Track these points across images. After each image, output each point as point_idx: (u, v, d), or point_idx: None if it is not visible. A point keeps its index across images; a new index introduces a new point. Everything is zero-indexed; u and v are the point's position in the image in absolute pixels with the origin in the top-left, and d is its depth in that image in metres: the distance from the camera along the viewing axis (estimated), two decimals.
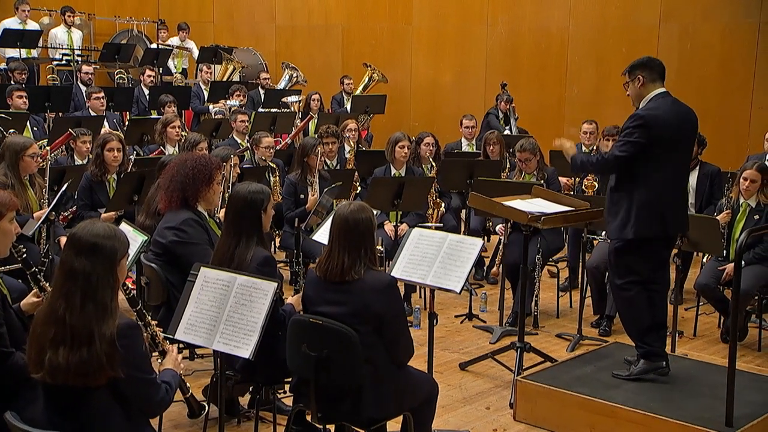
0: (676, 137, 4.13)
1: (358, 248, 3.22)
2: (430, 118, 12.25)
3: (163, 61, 10.97)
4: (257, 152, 6.55)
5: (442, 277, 3.88)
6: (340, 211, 3.28)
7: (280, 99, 10.17)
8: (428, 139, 7.15)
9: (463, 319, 6.04)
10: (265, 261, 3.44)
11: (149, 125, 7.41)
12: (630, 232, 4.09)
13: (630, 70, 4.21)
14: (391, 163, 6.49)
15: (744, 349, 5.50)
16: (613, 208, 4.18)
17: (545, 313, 6.24)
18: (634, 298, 4.20)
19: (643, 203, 4.07)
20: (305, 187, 6.07)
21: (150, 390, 2.49)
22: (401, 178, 6.06)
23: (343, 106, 11.34)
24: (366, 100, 10.87)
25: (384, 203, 5.81)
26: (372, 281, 3.20)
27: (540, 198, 4.88)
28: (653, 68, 4.16)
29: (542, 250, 5.85)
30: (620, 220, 4.13)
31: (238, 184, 3.71)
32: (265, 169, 6.31)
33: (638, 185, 4.07)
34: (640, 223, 4.07)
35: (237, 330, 3.04)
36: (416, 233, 4.09)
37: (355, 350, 3.13)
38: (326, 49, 12.94)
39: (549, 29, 11.52)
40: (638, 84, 4.15)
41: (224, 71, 10.87)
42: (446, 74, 12.34)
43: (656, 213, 4.09)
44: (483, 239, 7.66)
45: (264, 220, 3.56)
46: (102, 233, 2.42)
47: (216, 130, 8.25)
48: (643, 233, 4.09)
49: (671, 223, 4.19)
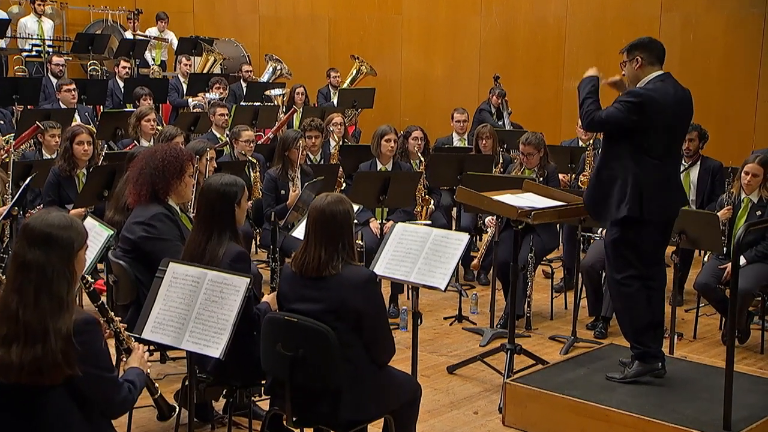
0: (674, 120, 4.14)
1: (336, 242, 3.21)
2: (421, 112, 12.25)
3: (139, 53, 10.95)
4: (236, 146, 6.53)
5: (426, 274, 3.86)
6: (317, 203, 3.26)
7: (263, 92, 10.17)
8: (416, 133, 7.14)
9: (452, 321, 6.04)
10: (239, 256, 3.42)
11: (123, 119, 7.39)
12: (624, 210, 4.07)
13: (629, 50, 4.19)
14: (377, 157, 6.49)
15: (746, 351, 5.51)
16: (602, 189, 4.16)
17: (539, 314, 6.24)
18: (633, 295, 4.20)
19: (639, 185, 4.06)
20: (286, 183, 6.05)
21: (111, 389, 2.46)
22: (387, 173, 6.05)
23: (329, 100, 11.34)
24: (353, 94, 10.86)
25: (369, 199, 5.80)
26: (350, 276, 3.19)
27: (531, 193, 4.88)
28: (653, 50, 4.16)
29: (535, 248, 5.85)
30: (615, 200, 4.10)
31: (211, 176, 3.69)
32: (244, 164, 6.29)
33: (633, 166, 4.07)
34: (637, 203, 4.06)
35: (207, 328, 3.03)
36: (400, 228, 4.08)
37: (332, 349, 3.11)
38: (312, 40, 12.93)
39: (545, 20, 11.54)
40: (636, 65, 4.14)
41: (204, 63, 10.86)
42: (438, 67, 12.34)
43: (653, 196, 4.08)
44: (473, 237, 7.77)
45: (238, 213, 3.54)
46: (57, 223, 2.39)
47: (194, 124, 8.23)
48: (640, 212, 4.07)
49: (669, 206, 4.20)
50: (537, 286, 6.68)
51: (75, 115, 7.97)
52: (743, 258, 5.41)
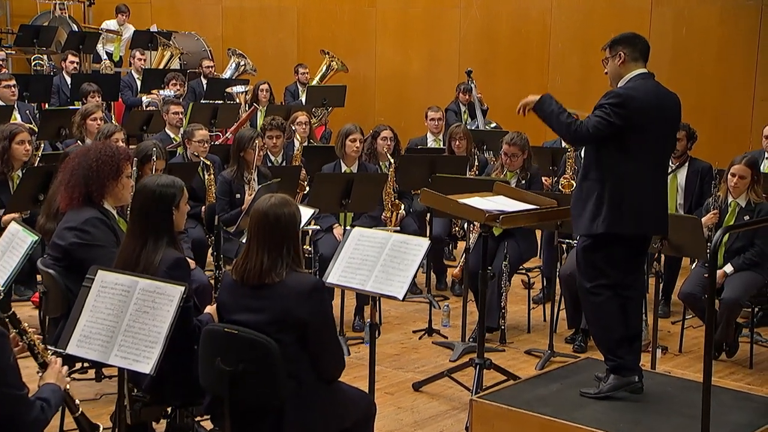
0: (656, 124, 4.13)
1: (280, 247, 3.20)
2: (397, 111, 12.27)
3: (90, 46, 10.89)
4: (189, 147, 6.49)
5: (384, 283, 3.85)
6: (260, 205, 3.25)
7: (224, 89, 10.13)
8: (386, 132, 7.14)
9: (421, 335, 6.04)
10: (176, 263, 3.40)
11: (68, 117, 7.33)
12: (600, 226, 4.07)
13: (611, 45, 4.19)
14: (341, 158, 6.47)
15: (734, 366, 5.54)
16: (581, 201, 4.17)
17: (515, 327, 6.25)
18: (603, 305, 4.19)
19: (616, 195, 4.05)
20: (242, 186, 6.03)
21: (20, 408, 2.43)
22: (350, 175, 6.05)
23: (297, 98, 11.33)
24: (323, 92, 10.87)
25: (330, 203, 5.79)
26: (295, 284, 3.18)
27: (502, 195, 4.89)
28: (637, 46, 4.17)
29: (510, 256, 5.85)
30: (589, 213, 4.11)
31: (146, 177, 3.67)
32: (197, 166, 6.25)
33: (611, 175, 4.06)
34: (612, 217, 4.06)
35: (137, 342, 3.00)
36: (356, 233, 4.07)
37: (275, 363, 3.10)
38: (279, 33, 12.93)
39: (529, 12, 11.60)
40: (618, 61, 4.14)
41: (160, 58, 10.84)
42: (415, 62, 12.37)
43: (631, 208, 4.08)
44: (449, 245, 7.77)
45: (176, 217, 3.52)
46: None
47: (147, 124, 8.19)
48: (615, 228, 4.08)
49: (647, 220, 4.19)
50: (515, 297, 6.71)
51: (15, 113, 7.91)
52: (730, 266, 5.45)
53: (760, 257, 5.40)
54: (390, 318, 6.47)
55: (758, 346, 5.74)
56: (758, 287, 5.46)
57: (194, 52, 11.99)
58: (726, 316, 5.36)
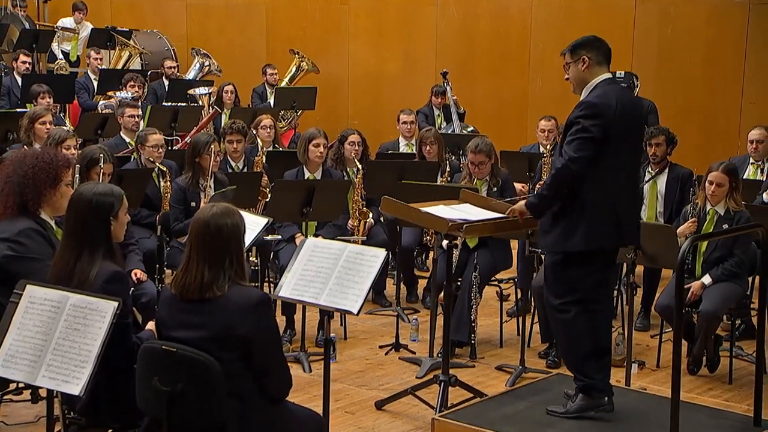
0: (628, 132, 4.16)
1: (221, 259, 3.18)
2: (372, 114, 12.28)
3: (44, 45, 10.82)
4: (143, 152, 6.45)
5: (338, 296, 3.84)
6: (200, 214, 3.24)
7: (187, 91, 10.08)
8: (353, 137, 7.14)
9: (388, 350, 6.04)
10: (113, 277, 3.37)
11: (15, 120, 7.27)
12: (579, 243, 4.08)
13: (573, 50, 4.21)
14: (304, 164, 6.46)
15: (713, 382, 5.57)
16: (551, 215, 4.19)
17: (487, 341, 6.26)
18: (571, 321, 4.20)
19: (596, 209, 4.07)
20: (197, 193, 6.00)
21: None
22: (311, 182, 6.03)
23: (266, 100, 11.31)
24: (292, 94, 10.85)
25: (290, 212, 5.78)
26: (237, 299, 3.16)
27: (468, 204, 4.89)
28: (600, 49, 4.20)
29: (481, 267, 5.85)
30: (563, 228, 4.12)
31: (83, 184, 3.64)
32: (150, 172, 6.22)
33: (588, 188, 4.07)
34: (593, 232, 4.07)
35: (67, 361, 2.97)
36: (310, 244, 4.06)
37: (215, 383, 3.08)
38: (247, 32, 12.90)
39: (509, 11, 11.64)
40: (583, 66, 4.17)
41: (118, 58, 10.78)
42: (390, 63, 12.38)
43: (611, 220, 4.11)
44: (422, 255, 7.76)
45: (114, 228, 3.49)
46: None
47: (101, 127, 8.15)
48: (597, 244, 4.09)
49: (626, 231, 4.22)
50: (489, 310, 6.71)
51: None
52: (709, 277, 5.48)
53: (739, 267, 5.43)
54: (356, 332, 6.46)
55: (739, 361, 5.77)
56: (738, 299, 5.49)
57: (156, 52, 11.94)
58: (704, 329, 5.39)
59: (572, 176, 4.06)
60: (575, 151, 4.03)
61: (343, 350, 6.00)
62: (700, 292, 5.47)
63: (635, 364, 5.66)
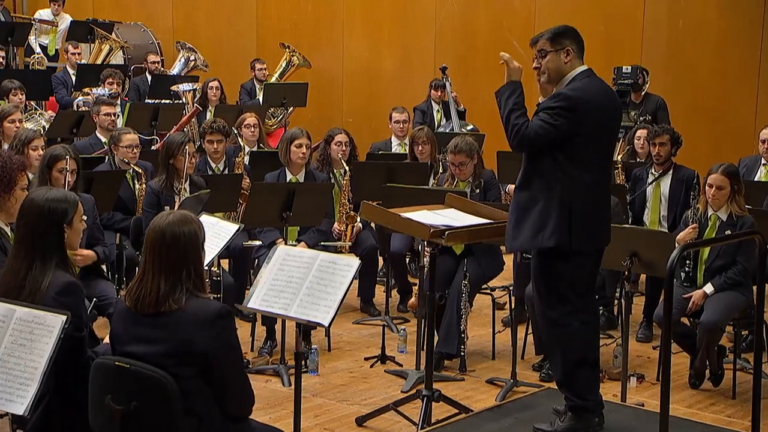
0: (605, 128, 4.14)
1: (179, 270, 3.17)
2: (367, 111, 12.27)
3: (20, 39, 10.81)
4: (116, 153, 6.45)
5: (309, 308, 3.83)
6: (156, 223, 3.22)
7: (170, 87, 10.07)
8: (340, 137, 7.13)
9: (373, 362, 6.01)
10: (66, 288, 3.36)
11: None
12: (550, 240, 4.03)
13: (553, 38, 4.11)
14: (286, 165, 6.44)
15: (716, 396, 5.53)
16: (519, 213, 4.14)
17: (479, 353, 6.23)
18: (573, 335, 4.18)
19: (564, 207, 4.04)
20: (171, 197, 5.98)
21: None
22: (290, 184, 6.01)
23: (254, 96, 11.31)
24: (282, 90, 10.84)
25: (269, 216, 5.77)
26: (195, 311, 3.14)
27: (454, 208, 4.87)
28: (580, 41, 4.15)
29: (471, 275, 5.83)
30: (533, 226, 4.07)
31: (34, 190, 3.63)
32: (123, 174, 6.21)
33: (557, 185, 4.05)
34: (562, 231, 4.04)
35: (11, 379, 2.96)
36: (281, 252, 4.05)
37: (171, 401, 3.07)
38: (237, 25, 12.90)
39: (512, 3, 11.60)
40: (565, 57, 4.09)
41: (97, 53, 10.77)
42: (386, 58, 12.36)
43: (581, 220, 4.07)
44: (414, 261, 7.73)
45: (68, 236, 3.48)
46: None
47: (77, 126, 8.13)
48: (568, 243, 4.06)
49: (600, 234, 4.20)
50: (484, 319, 6.68)
51: None
52: (711, 286, 5.45)
53: (743, 276, 5.40)
54: (341, 343, 6.44)
55: (744, 374, 5.72)
56: (741, 309, 5.45)
57: (139, 45, 11.93)
58: (705, 341, 5.36)
59: (519, 142, 4.06)
60: (535, 133, 3.99)
61: (326, 362, 5.98)
62: (701, 302, 5.44)
63: (633, 377, 5.64)
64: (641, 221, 6.93)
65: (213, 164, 7.02)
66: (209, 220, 4.65)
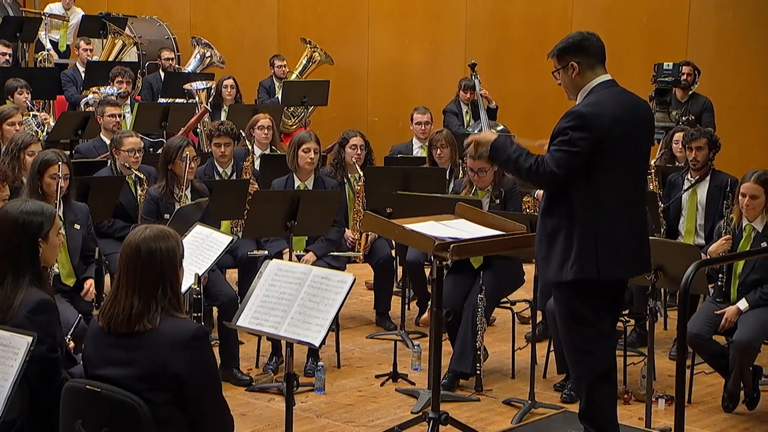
0: (629, 142, 4.09)
1: (154, 288, 3.18)
2: (394, 110, 12.23)
3: (30, 34, 10.92)
4: (118, 157, 6.49)
5: (300, 326, 3.83)
6: (131, 237, 3.24)
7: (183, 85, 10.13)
8: (355, 139, 7.11)
9: (384, 380, 5.98)
10: (39, 306, 3.38)
11: None
12: (570, 273, 4.06)
13: (558, 55, 4.17)
14: (293, 171, 6.44)
15: (751, 420, 5.45)
16: (545, 241, 4.16)
17: (498, 371, 6.19)
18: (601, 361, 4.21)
19: (588, 236, 4.04)
20: (171, 204, 6.00)
21: None
22: (294, 192, 6.01)
23: (273, 95, 11.35)
24: (302, 88, 10.87)
25: (272, 226, 5.78)
26: (170, 333, 3.15)
27: (464, 219, 4.83)
28: (590, 50, 4.14)
29: (486, 288, 5.79)
30: (559, 257, 4.10)
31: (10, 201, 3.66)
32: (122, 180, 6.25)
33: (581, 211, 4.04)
34: (585, 261, 4.04)
35: None
36: (273, 266, 4.05)
37: (144, 428, 3.07)
38: (258, 19, 12.96)
39: None
40: (572, 73, 4.12)
41: (110, 49, 10.85)
42: (415, 54, 12.34)
43: (619, 248, 4.08)
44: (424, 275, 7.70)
45: (44, 251, 3.50)
46: None
47: (82, 128, 8.21)
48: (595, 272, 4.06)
49: (627, 262, 4.18)
50: (505, 335, 6.63)
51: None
52: (745, 301, 5.38)
53: None
54: (352, 359, 6.43)
55: None
56: None
57: (155, 41, 12.01)
58: (739, 361, 5.28)
59: (541, 183, 4.11)
60: (556, 165, 3.98)
61: (334, 380, 5.97)
62: (735, 319, 5.37)
63: (662, 399, 5.57)
64: (676, 231, 6.85)
65: (220, 168, 7.04)
66: (202, 232, 4.67)
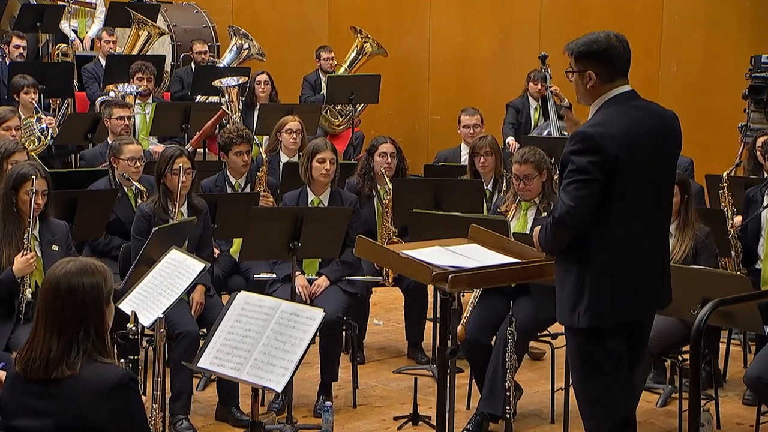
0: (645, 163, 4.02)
1: (74, 329, 3.19)
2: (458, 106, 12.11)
3: (51, 24, 11.12)
4: (117, 166, 6.57)
5: (263, 368, 3.86)
6: (51, 272, 3.26)
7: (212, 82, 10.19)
8: (386, 146, 7.06)
9: (403, 423, 5.94)
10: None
11: None
12: (584, 320, 4.05)
13: (577, 57, 4.10)
14: (307, 184, 6.41)
15: None
16: (559, 281, 4.18)
17: (536, 414, 6.11)
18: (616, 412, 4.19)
19: (613, 271, 4.01)
20: (166, 221, 6.02)
21: None
22: (295, 209, 5.98)
23: (319, 90, 11.39)
24: (350, 83, 10.87)
25: (273, 247, 5.77)
26: (92, 380, 3.16)
27: (477, 244, 4.76)
28: (613, 61, 4.04)
29: (517, 319, 5.69)
30: (569, 299, 4.12)
31: None
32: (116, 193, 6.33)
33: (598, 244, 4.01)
34: (598, 307, 4.03)
35: None
36: (241, 299, 4.09)
37: None
38: (305, 5, 13.02)
39: None
40: (588, 83, 4.05)
41: (134, 41, 10.98)
42: (482, 43, 12.30)
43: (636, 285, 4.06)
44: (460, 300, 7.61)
45: None
46: None
47: (92, 131, 8.33)
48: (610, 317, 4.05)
49: (652, 297, 4.16)
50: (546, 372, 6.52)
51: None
52: None
53: None
54: (372, 398, 6.40)
55: None
56: None
57: (191, 30, 12.07)
58: None
59: (572, 228, 4.01)
60: (572, 199, 3.94)
61: (347, 421, 5.95)
62: None
63: None
64: (755, 254, 6.65)
65: (233, 179, 7.07)
66: (177, 257, 4.70)
